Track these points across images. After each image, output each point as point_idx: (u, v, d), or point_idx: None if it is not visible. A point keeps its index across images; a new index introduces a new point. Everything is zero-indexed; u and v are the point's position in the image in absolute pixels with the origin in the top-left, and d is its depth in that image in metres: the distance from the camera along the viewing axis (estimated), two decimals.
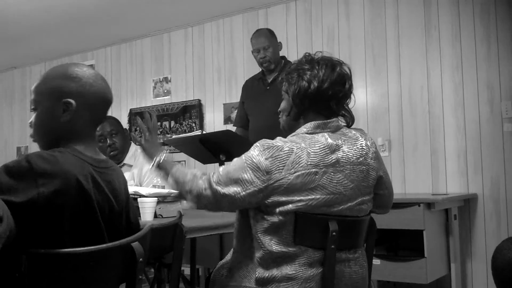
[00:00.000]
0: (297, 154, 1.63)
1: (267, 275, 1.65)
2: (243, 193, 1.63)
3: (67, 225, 1.28)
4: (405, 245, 3.51)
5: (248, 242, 1.73)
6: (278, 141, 1.68)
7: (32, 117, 1.47)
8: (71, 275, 1.27)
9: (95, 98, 1.45)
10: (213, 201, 1.68)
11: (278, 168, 1.62)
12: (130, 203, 1.55)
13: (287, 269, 1.64)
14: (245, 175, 1.63)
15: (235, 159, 1.70)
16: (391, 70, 4.11)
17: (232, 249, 1.88)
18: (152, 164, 1.90)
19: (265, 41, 3.53)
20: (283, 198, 1.62)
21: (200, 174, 1.75)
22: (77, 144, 1.42)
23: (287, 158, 1.63)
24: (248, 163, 1.64)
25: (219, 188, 1.66)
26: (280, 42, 3.62)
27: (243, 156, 1.68)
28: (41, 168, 1.25)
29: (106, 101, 1.49)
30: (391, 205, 1.95)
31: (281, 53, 3.60)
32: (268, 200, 1.64)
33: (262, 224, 1.68)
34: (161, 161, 1.88)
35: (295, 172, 1.61)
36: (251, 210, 1.70)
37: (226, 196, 1.65)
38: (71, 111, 1.41)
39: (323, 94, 1.74)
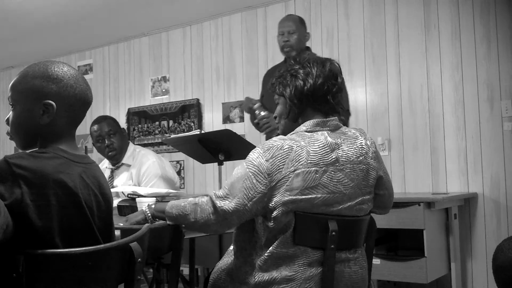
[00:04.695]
0: (296, 152, 1.63)
1: (266, 278, 1.64)
2: (250, 203, 1.63)
3: (56, 225, 1.27)
4: (405, 244, 3.50)
5: (248, 248, 1.72)
6: (277, 140, 1.67)
7: (9, 114, 1.44)
8: (69, 276, 1.26)
9: (75, 100, 1.42)
10: (223, 222, 1.67)
11: (278, 168, 1.61)
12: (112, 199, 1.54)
13: (287, 271, 1.64)
14: (248, 182, 1.62)
15: (237, 168, 1.70)
16: (391, 69, 4.10)
17: (228, 250, 1.87)
18: (146, 219, 1.86)
19: (292, 25, 3.27)
20: (285, 198, 1.61)
21: (199, 199, 1.73)
22: (58, 143, 1.40)
23: (287, 156, 1.62)
24: (250, 168, 1.64)
25: (226, 207, 1.64)
26: (308, 32, 3.37)
27: (244, 163, 1.68)
28: (21, 169, 1.24)
29: (86, 102, 1.46)
30: (391, 206, 1.94)
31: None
32: (271, 203, 1.63)
33: (266, 230, 1.67)
34: (152, 211, 1.85)
35: (295, 170, 1.61)
36: (258, 218, 1.69)
37: (235, 212, 1.64)
38: (51, 113, 1.38)
39: (319, 89, 1.75)
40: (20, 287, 1.20)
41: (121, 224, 1.85)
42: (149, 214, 1.86)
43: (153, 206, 1.87)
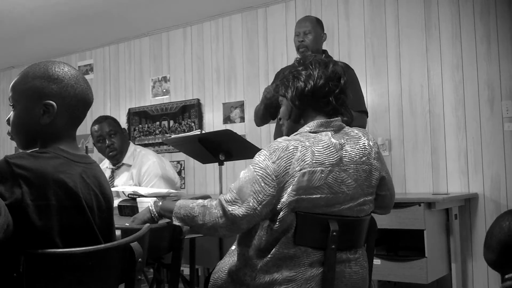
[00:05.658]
0: (302, 152, 1.63)
1: (267, 279, 1.64)
2: (260, 206, 1.62)
3: (56, 225, 1.27)
4: (405, 245, 3.50)
5: (251, 250, 1.72)
6: (282, 141, 1.67)
7: (10, 114, 1.45)
8: (69, 276, 1.27)
9: (76, 100, 1.43)
10: (232, 226, 1.65)
11: (285, 169, 1.61)
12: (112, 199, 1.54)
13: (288, 271, 1.63)
14: (257, 186, 1.62)
15: (244, 171, 1.69)
16: (391, 69, 4.10)
17: (230, 250, 1.87)
18: (152, 217, 1.85)
19: (308, 25, 3.29)
20: (291, 198, 1.61)
21: (208, 202, 1.71)
22: (59, 143, 1.40)
23: (293, 156, 1.62)
24: (257, 171, 1.64)
25: (235, 211, 1.63)
26: (325, 33, 3.38)
27: (250, 166, 1.67)
28: (21, 169, 1.24)
29: (87, 102, 1.47)
30: (392, 206, 1.94)
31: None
32: (279, 205, 1.63)
33: (268, 231, 1.67)
34: (159, 210, 1.84)
35: (301, 170, 1.61)
36: (264, 222, 1.69)
37: (244, 217, 1.63)
38: (52, 113, 1.39)
39: (320, 91, 1.75)
40: (20, 286, 1.20)
41: (127, 224, 1.85)
42: (156, 213, 1.85)
43: (159, 203, 1.85)
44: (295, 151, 1.63)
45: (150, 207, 1.86)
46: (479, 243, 3.67)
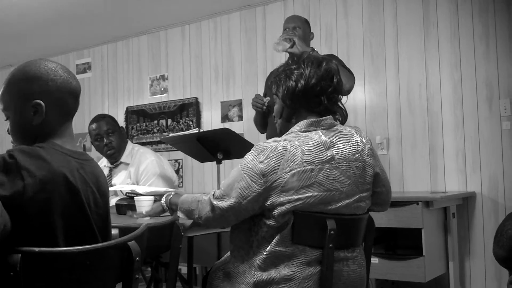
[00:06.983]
0: (291, 152, 1.63)
1: (265, 277, 1.64)
2: (244, 201, 1.65)
3: (57, 219, 1.28)
4: (403, 243, 3.50)
5: (246, 248, 1.72)
6: (271, 142, 1.68)
7: (7, 125, 1.47)
8: (67, 275, 1.27)
9: (61, 92, 1.44)
10: (220, 219, 1.72)
11: (273, 169, 1.62)
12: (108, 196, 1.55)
13: (285, 270, 1.64)
14: (243, 183, 1.65)
15: (233, 170, 1.72)
16: (390, 68, 4.10)
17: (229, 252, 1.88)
18: (163, 210, 2.02)
19: (297, 21, 3.34)
20: (282, 198, 1.62)
21: (202, 197, 1.81)
22: (55, 139, 1.42)
23: (282, 158, 1.62)
24: (244, 170, 1.66)
25: (221, 204, 1.69)
26: (312, 32, 3.41)
27: (239, 165, 1.70)
28: (25, 161, 1.26)
29: (72, 91, 1.47)
30: (389, 203, 1.95)
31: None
32: (268, 203, 1.64)
33: (264, 228, 1.68)
34: (168, 203, 1.98)
35: (290, 171, 1.61)
36: (255, 217, 1.70)
37: (230, 209, 1.68)
38: (42, 112, 1.40)
39: (311, 90, 1.75)
40: (17, 286, 1.20)
41: (144, 212, 2.08)
42: (165, 206, 1.99)
43: (170, 197, 1.98)
44: (285, 151, 1.63)
45: (162, 202, 2.00)
46: (477, 241, 3.68)
